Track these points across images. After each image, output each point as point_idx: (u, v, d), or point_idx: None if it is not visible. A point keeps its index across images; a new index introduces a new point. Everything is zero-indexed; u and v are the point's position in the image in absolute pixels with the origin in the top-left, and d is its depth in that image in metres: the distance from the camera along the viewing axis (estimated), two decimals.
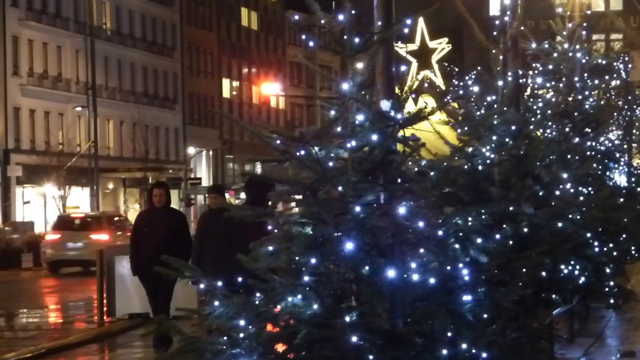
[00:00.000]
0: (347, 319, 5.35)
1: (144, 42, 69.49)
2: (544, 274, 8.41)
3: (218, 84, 79.51)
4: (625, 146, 25.79)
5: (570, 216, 9.59)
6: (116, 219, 40.19)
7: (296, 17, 6.51)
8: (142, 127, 63.54)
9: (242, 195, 74.05)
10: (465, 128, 9.09)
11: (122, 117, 65.35)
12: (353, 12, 5.83)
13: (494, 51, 9.49)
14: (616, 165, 19.13)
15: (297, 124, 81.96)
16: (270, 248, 5.66)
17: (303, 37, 6.11)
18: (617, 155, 19.69)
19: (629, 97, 31.03)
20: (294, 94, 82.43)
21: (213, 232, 12.62)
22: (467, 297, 5.64)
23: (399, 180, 5.79)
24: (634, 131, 31.07)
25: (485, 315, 5.78)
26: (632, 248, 13.99)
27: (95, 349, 16.71)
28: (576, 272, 9.55)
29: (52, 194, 53.72)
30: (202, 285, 5.91)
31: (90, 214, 43.08)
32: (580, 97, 14.06)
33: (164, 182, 17.32)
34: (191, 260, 12.63)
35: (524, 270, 7.30)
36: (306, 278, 5.43)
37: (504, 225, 8.08)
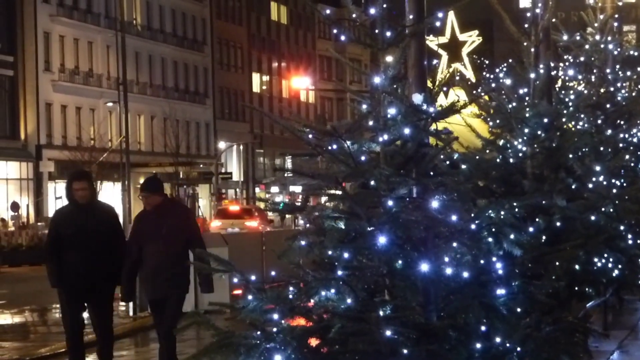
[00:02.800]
0: (381, 312, 5.35)
1: (175, 37, 69.69)
2: (577, 266, 8.37)
3: (248, 78, 79.62)
4: None
5: (603, 209, 9.54)
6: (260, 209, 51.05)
7: (327, 11, 6.51)
8: (173, 121, 63.75)
9: (273, 189, 74.19)
10: (497, 121, 9.06)
11: (153, 112, 65.58)
12: (384, 5, 5.82)
13: (525, 43, 9.45)
14: None
15: (327, 117, 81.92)
16: (303, 242, 5.66)
17: (334, 31, 6.10)
18: None
19: None
20: (324, 87, 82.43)
21: (153, 235, 10.81)
22: (501, 291, 5.62)
23: (432, 174, 5.78)
24: None
25: (519, 309, 5.76)
26: None
27: (129, 343, 16.77)
28: (610, 265, 9.50)
29: None
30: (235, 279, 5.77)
31: (243, 206, 55.62)
32: (612, 88, 13.97)
33: (86, 172, 14.19)
34: (124, 269, 10.92)
35: (558, 263, 7.26)
36: (340, 272, 5.43)
37: (537, 219, 8.04)
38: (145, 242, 10.88)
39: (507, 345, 5.58)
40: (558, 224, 8.26)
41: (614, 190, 10.87)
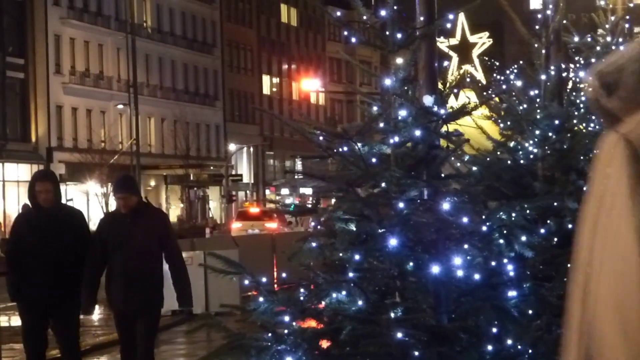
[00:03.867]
0: (392, 314, 5.34)
1: (185, 40, 69.80)
2: None
3: (258, 81, 79.68)
4: None
5: None
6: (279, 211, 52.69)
7: (338, 13, 6.52)
8: (183, 124, 63.85)
9: (283, 191, 74.22)
10: (508, 122, 9.04)
11: (164, 114, 65.68)
12: (395, 7, 5.82)
13: (536, 45, 9.43)
14: None
15: (337, 119, 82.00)
16: (314, 244, 5.66)
17: (345, 33, 6.10)
18: None
19: None
20: (334, 89, 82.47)
21: (126, 241, 9.65)
22: (512, 293, 5.61)
23: (443, 176, 5.78)
24: None
25: (530, 311, 5.75)
26: None
27: None
28: None
29: (95, 191, 54.12)
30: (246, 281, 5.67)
31: (263, 208, 55.60)
32: None
33: (51, 172, 12.36)
34: (86, 277, 9.64)
35: (569, 265, 7.25)
36: (350, 274, 5.42)
37: (548, 221, 8.02)
38: (116, 249, 9.67)
39: (518, 347, 5.57)
40: (569, 226, 8.23)
41: None
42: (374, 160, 5.69)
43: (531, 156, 8.72)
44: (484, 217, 5.76)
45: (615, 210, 1.72)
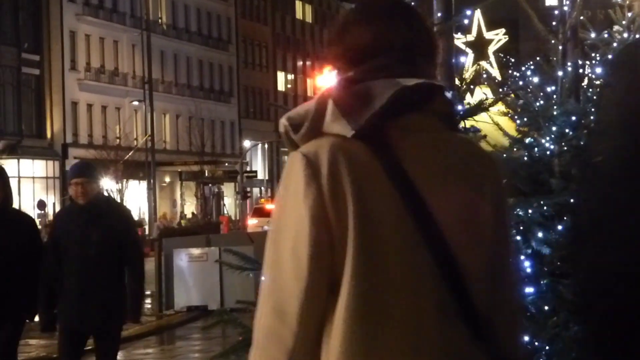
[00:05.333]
0: None
1: (200, 36, 69.88)
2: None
3: (273, 77, 79.72)
4: None
5: None
6: None
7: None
8: (198, 120, 63.94)
9: None
10: (525, 119, 9.01)
11: (179, 110, 65.78)
12: (412, 3, 5.80)
13: (553, 41, 9.41)
14: None
15: None
16: None
17: None
18: None
19: None
20: None
21: (81, 241, 8.10)
22: (529, 289, 5.60)
23: None
24: None
25: (547, 308, 5.73)
26: None
27: (154, 342, 16.84)
28: None
29: (110, 187, 54.27)
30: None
31: None
32: None
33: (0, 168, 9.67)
34: (41, 290, 8.17)
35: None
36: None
37: (565, 217, 8.00)
38: (69, 253, 8.13)
39: (536, 344, 5.55)
40: None
41: None
42: None
43: (548, 152, 8.70)
44: None
45: (295, 201, 2.38)
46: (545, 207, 6.09)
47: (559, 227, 7.34)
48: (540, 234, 5.85)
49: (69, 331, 8.22)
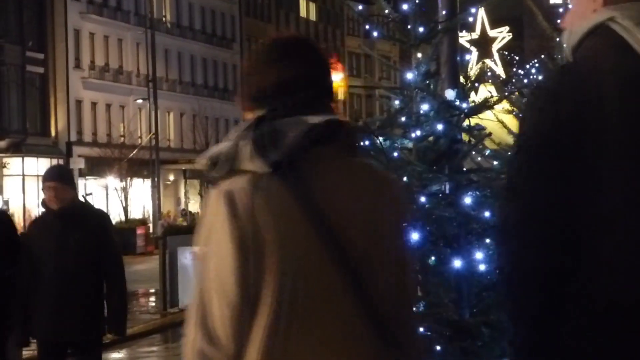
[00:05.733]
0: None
1: (204, 34, 69.89)
2: None
3: None
4: None
5: None
6: None
7: (359, 7, 6.51)
8: (202, 118, 63.95)
9: None
10: None
11: (183, 109, 65.80)
12: (416, 1, 5.81)
13: (557, 39, 9.40)
14: None
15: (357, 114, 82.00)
16: None
17: (366, 27, 6.09)
18: None
19: None
20: (353, 84, 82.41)
21: (56, 251, 7.63)
22: None
23: (464, 170, 5.76)
24: None
25: None
26: None
27: (159, 340, 16.86)
28: None
29: (114, 185, 54.30)
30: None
31: None
32: None
33: None
34: (17, 300, 7.77)
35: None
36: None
37: None
38: (44, 262, 7.63)
39: None
40: None
41: None
42: (395, 154, 5.68)
43: None
44: None
45: (218, 234, 2.65)
46: None
47: None
48: None
49: (45, 343, 7.83)
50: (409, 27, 5.82)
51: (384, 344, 2.68)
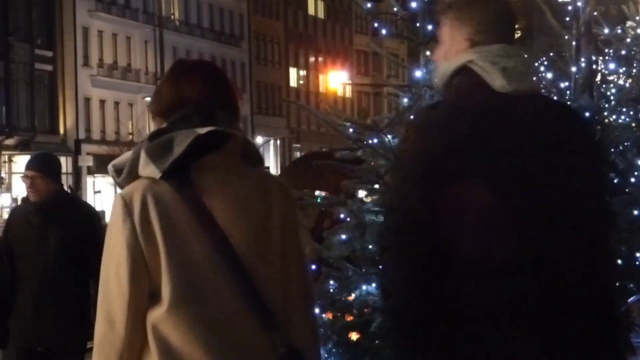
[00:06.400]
0: None
1: (212, 32, 69.93)
2: (619, 262, 8.30)
3: (285, 73, 79.72)
4: None
5: None
6: None
7: (368, 5, 6.50)
8: None
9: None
10: None
11: None
12: None
13: (566, 37, 9.38)
14: None
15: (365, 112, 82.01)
16: (344, 237, 5.65)
17: (375, 25, 6.08)
18: None
19: None
20: (360, 82, 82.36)
21: (37, 247, 6.92)
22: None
23: None
24: None
25: None
26: None
27: None
28: None
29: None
30: None
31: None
32: None
33: None
34: None
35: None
36: (380, 267, 5.41)
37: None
38: (23, 258, 6.97)
39: None
40: None
41: None
42: None
43: None
44: None
45: (116, 231, 3.08)
46: None
47: None
48: None
49: (24, 349, 7.02)
50: (418, 24, 5.81)
51: (265, 325, 3.07)
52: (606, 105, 9.87)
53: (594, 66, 10.85)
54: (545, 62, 10.16)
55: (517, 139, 3.06)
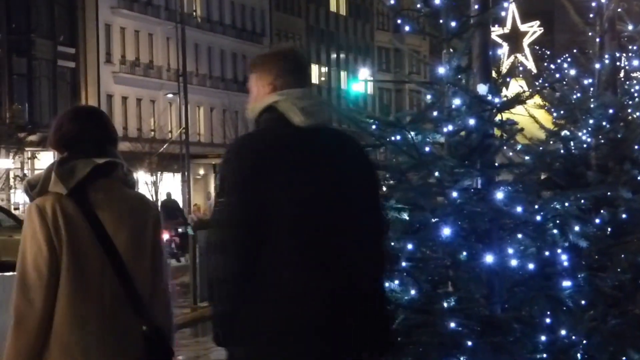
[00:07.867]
0: (445, 304, 5.32)
1: (234, 29, 69.95)
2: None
3: None
4: None
5: None
6: None
7: (391, 2, 6.49)
8: (232, 113, 64.03)
9: None
10: (561, 112, 8.96)
11: (213, 103, 65.92)
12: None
13: (590, 33, 9.34)
14: None
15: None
16: None
17: (398, 21, 6.07)
18: None
19: None
20: (382, 79, 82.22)
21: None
22: (566, 283, 5.57)
23: (496, 165, 5.74)
24: None
25: (584, 302, 5.70)
26: None
27: (189, 334, 16.90)
28: None
29: (145, 180, 54.48)
30: None
31: None
32: None
33: None
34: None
35: (623, 255, 7.18)
36: (403, 264, 5.41)
37: (602, 210, 7.95)
38: None
39: (573, 338, 5.53)
40: (623, 215, 8.15)
41: None
42: (427, 149, 5.67)
43: (584, 145, 8.65)
44: (537, 206, 5.71)
45: (33, 232, 4.09)
46: (582, 201, 6.05)
47: (597, 221, 7.31)
48: (577, 228, 5.81)
49: None
50: (441, 21, 5.80)
51: (136, 312, 4.08)
52: (630, 102, 9.82)
53: (618, 63, 10.80)
54: (568, 59, 10.13)
55: (311, 162, 4.04)
